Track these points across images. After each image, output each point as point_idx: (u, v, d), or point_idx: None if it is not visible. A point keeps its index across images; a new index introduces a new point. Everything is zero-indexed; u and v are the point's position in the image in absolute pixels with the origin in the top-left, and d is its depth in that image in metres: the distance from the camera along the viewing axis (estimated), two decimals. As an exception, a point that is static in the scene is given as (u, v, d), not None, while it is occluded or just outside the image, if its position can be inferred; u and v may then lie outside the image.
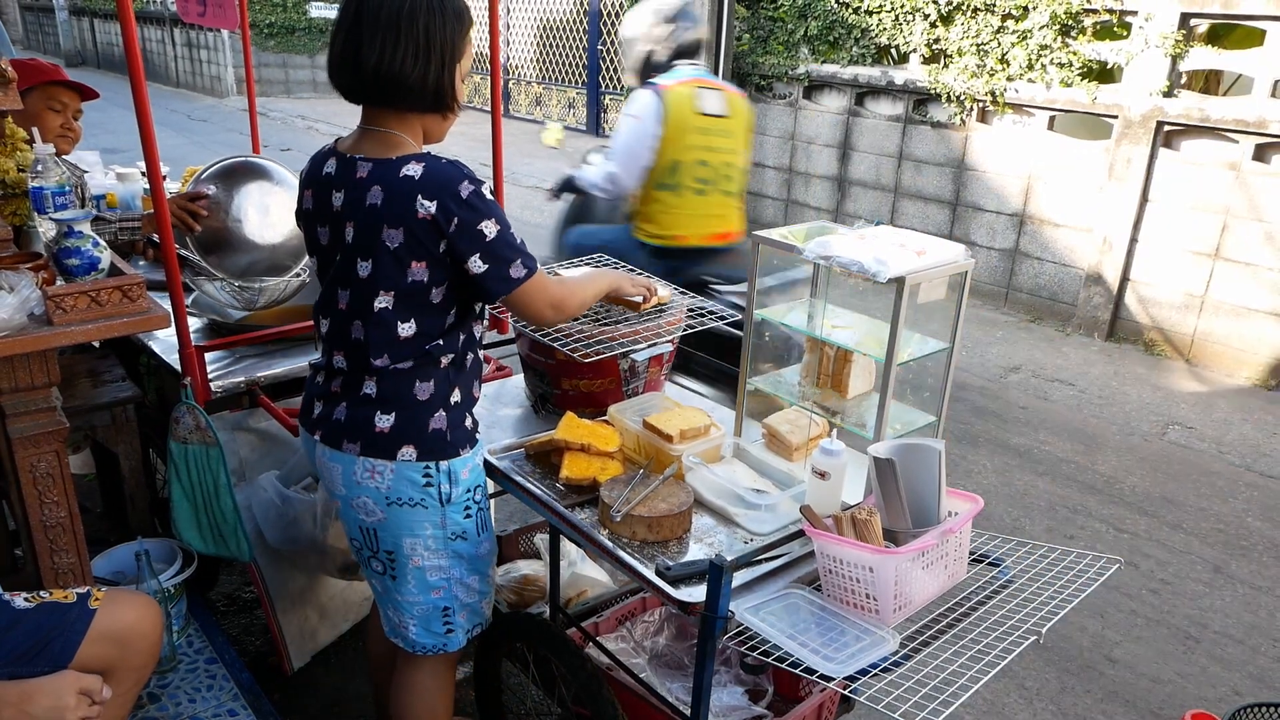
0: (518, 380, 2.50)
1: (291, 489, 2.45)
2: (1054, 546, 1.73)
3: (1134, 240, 5.65)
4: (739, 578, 1.64)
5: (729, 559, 1.57)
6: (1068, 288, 6.07)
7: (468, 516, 1.84)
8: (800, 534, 1.70)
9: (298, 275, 2.65)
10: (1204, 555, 3.54)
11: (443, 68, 1.65)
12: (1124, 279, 5.75)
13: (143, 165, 3.87)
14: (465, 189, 1.62)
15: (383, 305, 1.68)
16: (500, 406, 2.40)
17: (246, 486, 2.50)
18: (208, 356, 2.35)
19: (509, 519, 3.37)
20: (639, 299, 2.14)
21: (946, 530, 1.59)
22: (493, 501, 2.15)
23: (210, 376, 2.36)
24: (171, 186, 3.93)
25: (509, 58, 14.85)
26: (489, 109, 2.93)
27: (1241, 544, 3.63)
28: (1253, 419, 4.80)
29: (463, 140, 9.60)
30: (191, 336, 2.25)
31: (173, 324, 2.23)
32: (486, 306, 1.92)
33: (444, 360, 1.76)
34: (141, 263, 3.24)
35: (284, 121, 14.25)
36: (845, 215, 7.28)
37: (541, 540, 2.61)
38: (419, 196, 1.61)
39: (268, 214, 2.67)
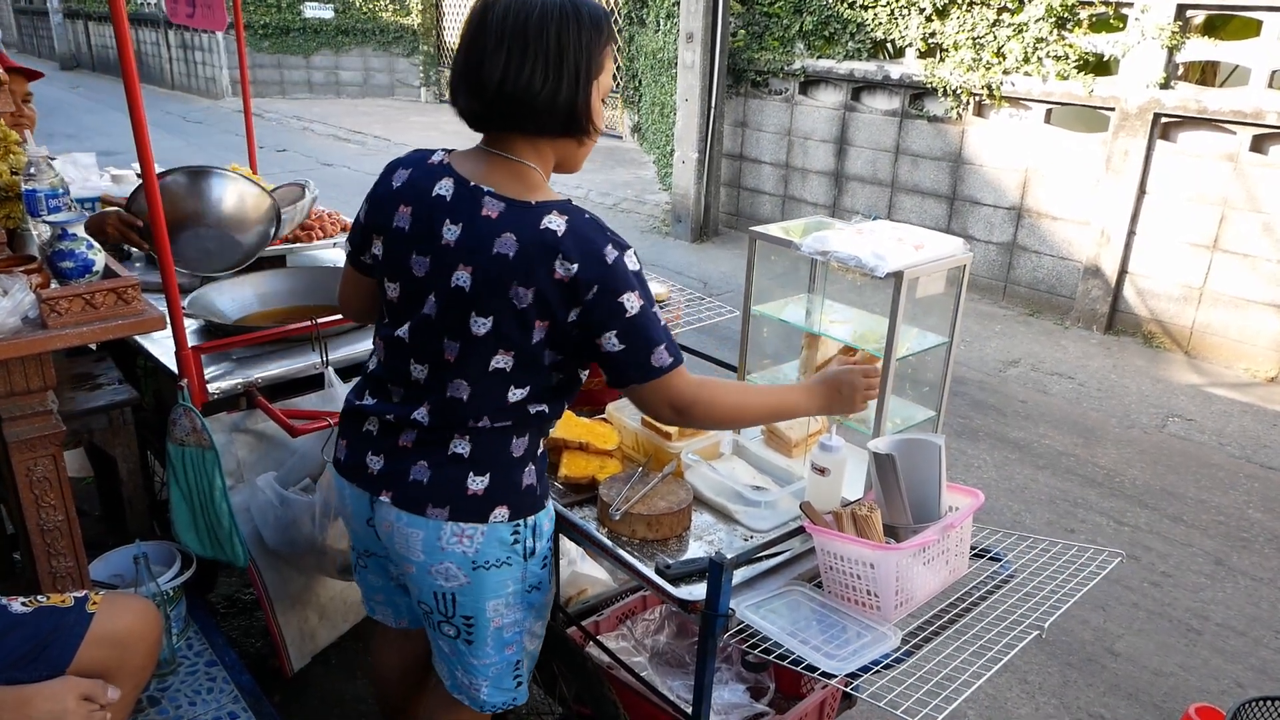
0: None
1: (290, 490, 2.44)
2: (1055, 540, 1.73)
3: (1132, 233, 5.65)
4: (739, 575, 1.64)
5: (729, 556, 1.56)
6: (1066, 281, 6.07)
7: (544, 567, 1.70)
8: (800, 531, 1.69)
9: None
10: (1205, 547, 3.53)
11: (577, 84, 1.43)
12: (1122, 271, 5.75)
13: (138, 167, 3.86)
14: (611, 254, 1.43)
15: (499, 366, 1.49)
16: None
17: (244, 488, 2.49)
18: (204, 358, 2.34)
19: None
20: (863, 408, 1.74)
21: (948, 526, 1.58)
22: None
23: (207, 378, 2.35)
24: (167, 188, 3.92)
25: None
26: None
27: (1242, 536, 3.63)
28: (1252, 411, 4.80)
29: (456, 139, 9.57)
30: (188, 338, 2.24)
31: (169, 326, 2.22)
32: None
33: (543, 414, 1.59)
34: (137, 265, 3.23)
35: (279, 123, 14.24)
36: (842, 210, 7.28)
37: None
38: (559, 255, 1.41)
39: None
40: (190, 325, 2.59)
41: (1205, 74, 5.92)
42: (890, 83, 6.68)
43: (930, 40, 6.37)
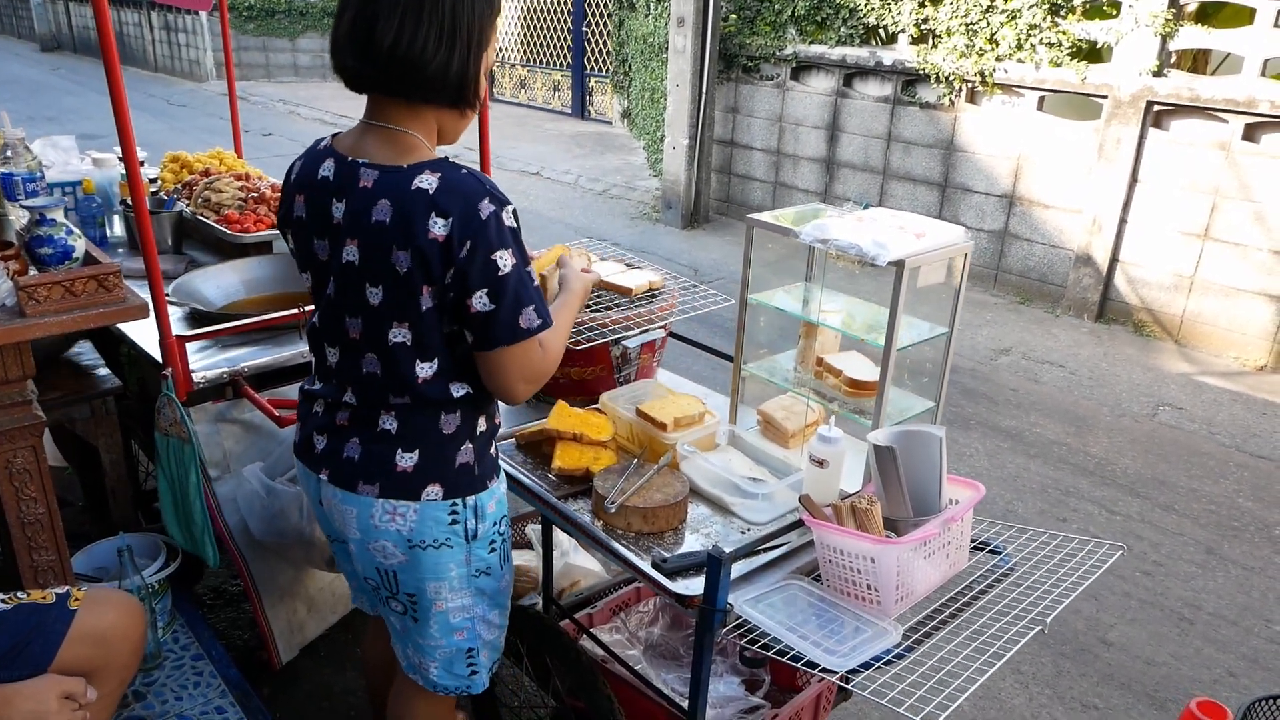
0: (507, 368, 2.45)
1: (277, 481, 2.40)
2: (1055, 533, 1.71)
3: (1123, 221, 5.64)
4: (736, 569, 1.61)
5: (726, 550, 1.53)
6: (1057, 269, 6.06)
7: (492, 551, 1.68)
8: (799, 524, 1.66)
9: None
10: (1196, 536, 3.54)
11: (469, 55, 1.43)
12: (1113, 260, 5.74)
13: (119, 150, 3.79)
14: (485, 208, 1.40)
15: (398, 339, 1.48)
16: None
17: (231, 479, 2.45)
18: (190, 346, 2.30)
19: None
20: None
21: (948, 519, 1.56)
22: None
23: (193, 366, 2.30)
24: (150, 172, 3.85)
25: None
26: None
27: (1233, 525, 3.63)
28: (1242, 399, 4.80)
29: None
30: (173, 326, 2.19)
31: (152, 314, 2.17)
32: None
33: (471, 391, 1.57)
34: (120, 251, 3.17)
35: (265, 106, 14.08)
36: (834, 197, 7.24)
37: (533, 530, 2.57)
38: (432, 213, 1.38)
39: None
40: (175, 313, 2.55)
41: (1196, 62, 5.91)
42: (882, 69, 6.64)
43: (923, 26, 6.33)
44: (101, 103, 13.90)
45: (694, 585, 1.57)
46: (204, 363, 2.37)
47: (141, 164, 3.78)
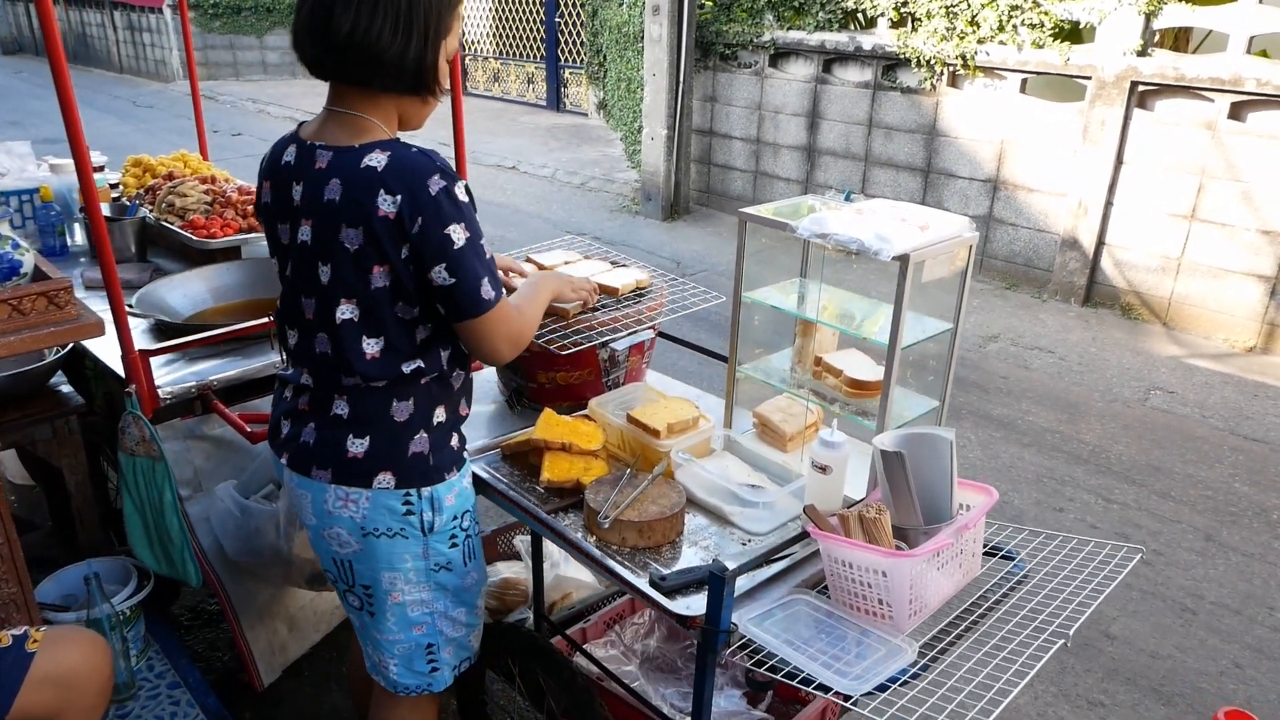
0: (490, 373, 2.35)
1: (251, 499, 2.29)
2: (1069, 536, 1.64)
3: (1109, 203, 5.59)
4: (739, 584, 1.52)
5: (727, 564, 1.45)
6: (1043, 253, 6.01)
7: (453, 546, 1.66)
8: (803, 535, 1.58)
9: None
10: (1194, 524, 3.49)
11: (425, 43, 1.44)
12: (1100, 243, 5.69)
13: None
14: (435, 184, 1.41)
15: (346, 316, 1.49)
16: (473, 403, 2.25)
17: (203, 498, 2.35)
18: (156, 360, 2.18)
19: (485, 515, 3.23)
20: (576, 305, 1.91)
21: (962, 527, 1.48)
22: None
23: (159, 381, 2.19)
24: (112, 177, 3.71)
25: (465, 33, 14.50)
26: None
27: (1230, 510, 3.59)
28: (1233, 381, 4.77)
29: (421, 119, 9.30)
30: (136, 339, 2.07)
31: (114, 328, 2.06)
32: None
33: (425, 379, 1.57)
34: (82, 260, 3.04)
35: (234, 105, 13.83)
36: (815, 185, 7.16)
37: (522, 541, 2.47)
38: (380, 191, 1.40)
39: None
40: (140, 325, 2.43)
41: (1178, 40, 5.86)
42: (862, 54, 6.56)
43: (902, 9, 6.25)
44: (67, 105, 13.61)
45: (695, 603, 1.48)
46: (171, 377, 2.27)
47: (102, 169, 3.66)
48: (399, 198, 1.40)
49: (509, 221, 7.70)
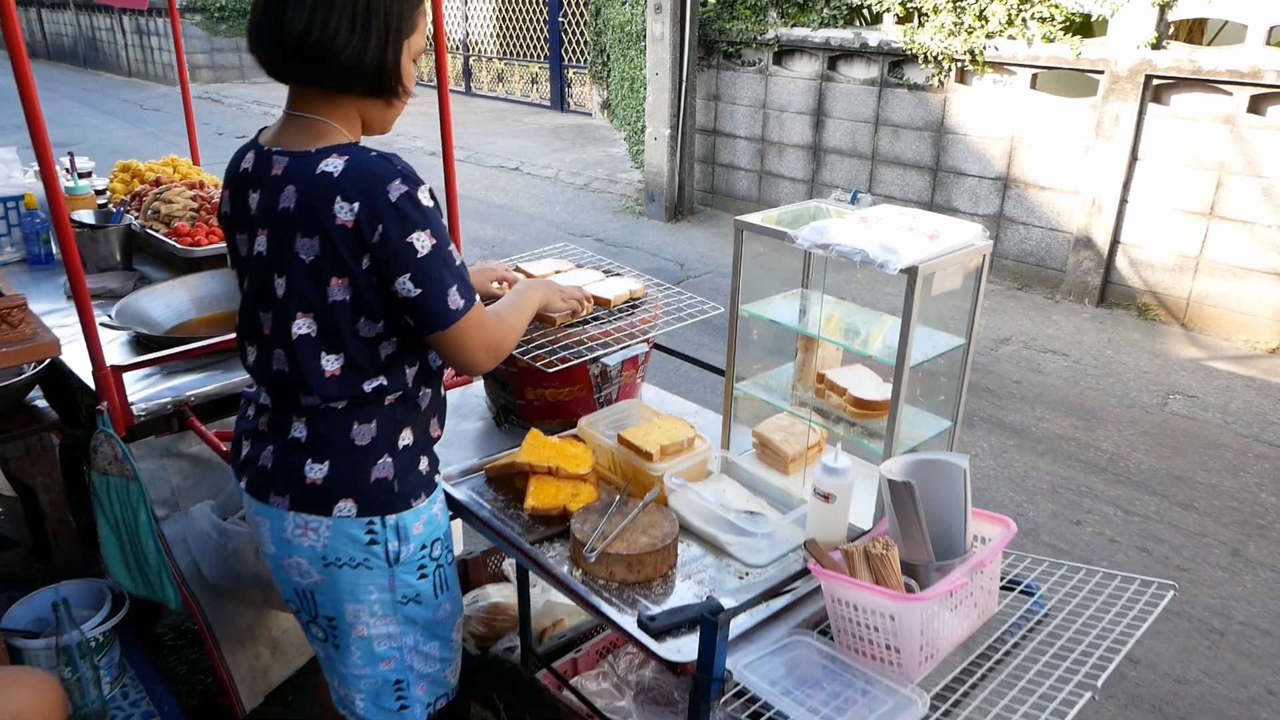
0: (478, 389, 2.24)
1: (229, 520, 2.19)
2: (1094, 569, 1.51)
3: (1124, 201, 5.44)
4: (735, 625, 1.41)
5: (723, 601, 1.33)
6: (1056, 253, 5.86)
7: (422, 577, 1.56)
8: (804, 572, 1.46)
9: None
10: (1220, 537, 3.35)
11: (386, 42, 1.37)
12: (1114, 242, 5.54)
13: (66, 160, 3.54)
14: (396, 190, 1.32)
15: (303, 331, 1.40)
16: (458, 420, 2.14)
17: (180, 518, 2.24)
18: (132, 374, 2.08)
19: (473, 535, 3.12)
20: (564, 314, 1.83)
21: (977, 564, 1.36)
22: (458, 522, 1.87)
23: (135, 397, 2.09)
24: (100, 183, 3.61)
25: (469, 34, 14.43)
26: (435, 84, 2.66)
27: (1258, 522, 3.44)
28: (1256, 385, 4.61)
29: (420, 120, 9.21)
30: (116, 352, 1.97)
31: (83, 342, 1.96)
32: None
33: (389, 399, 1.48)
34: (63, 278, 2.94)
35: (239, 108, 13.78)
36: (821, 185, 7.03)
37: (510, 565, 2.36)
38: (337, 198, 1.32)
39: None
40: (121, 337, 2.33)
41: (1193, 32, 5.71)
42: (868, 50, 6.42)
43: (909, 5, 6.11)
44: (74, 109, 13.60)
45: (686, 646, 1.37)
46: (146, 392, 2.16)
47: (89, 174, 3.56)
48: (356, 205, 1.31)
49: (511, 224, 7.59)
